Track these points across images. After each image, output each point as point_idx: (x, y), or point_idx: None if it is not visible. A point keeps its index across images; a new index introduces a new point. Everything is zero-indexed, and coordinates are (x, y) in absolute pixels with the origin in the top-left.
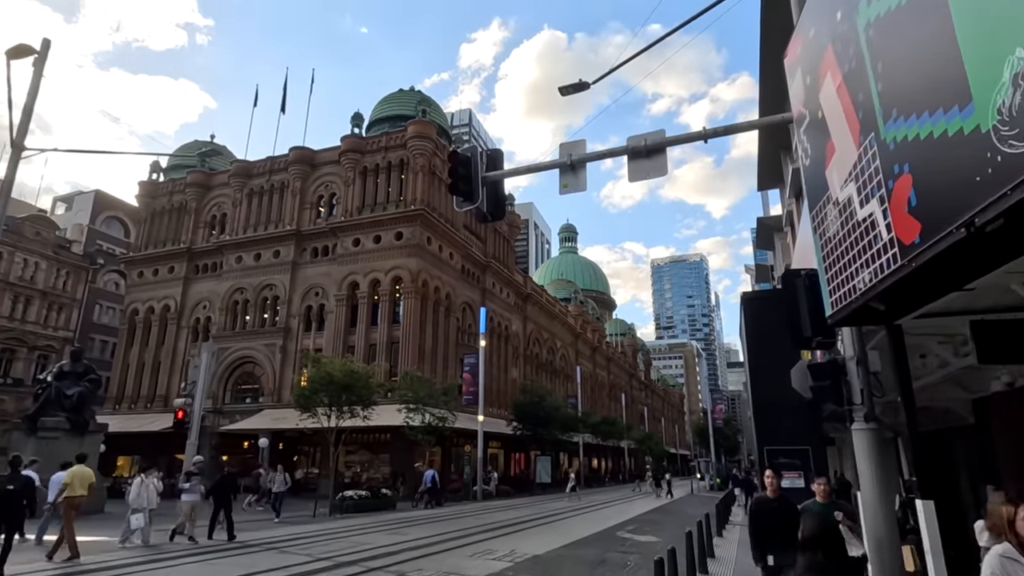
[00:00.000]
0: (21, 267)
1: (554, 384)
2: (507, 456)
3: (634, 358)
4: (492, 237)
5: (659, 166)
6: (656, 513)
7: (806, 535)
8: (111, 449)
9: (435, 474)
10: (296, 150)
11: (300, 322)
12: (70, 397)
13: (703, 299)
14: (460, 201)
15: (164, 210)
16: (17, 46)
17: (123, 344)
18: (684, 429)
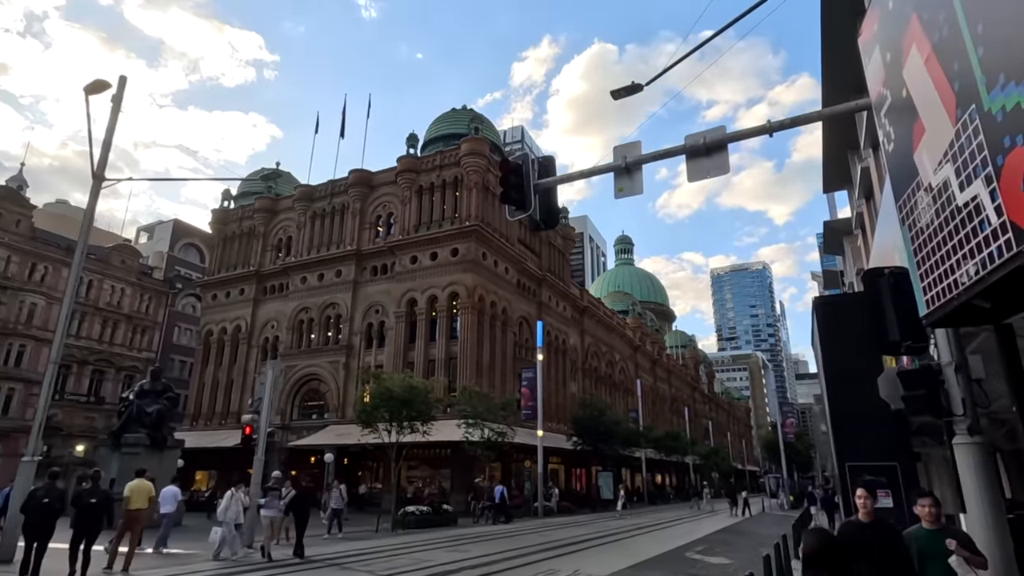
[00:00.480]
0: (109, 293)
1: (613, 398)
2: (568, 472)
3: (696, 370)
4: (547, 251)
5: (720, 164)
6: (726, 533)
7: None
8: (189, 464)
9: (504, 490)
10: (355, 172)
11: (362, 339)
12: (150, 414)
13: (767, 308)
14: (512, 210)
15: (235, 235)
16: (94, 82)
17: (199, 363)
18: (752, 444)
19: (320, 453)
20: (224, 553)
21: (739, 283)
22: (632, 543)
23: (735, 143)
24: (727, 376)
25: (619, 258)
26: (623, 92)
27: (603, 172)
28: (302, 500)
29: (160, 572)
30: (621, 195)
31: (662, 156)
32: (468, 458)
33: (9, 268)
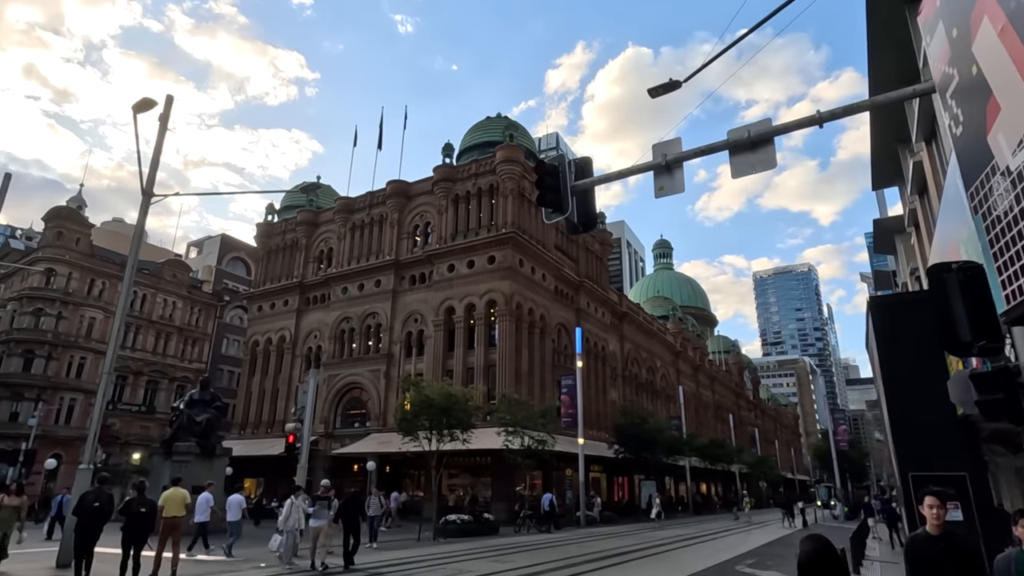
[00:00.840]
0: (162, 307)
1: (655, 405)
2: (610, 480)
3: (740, 376)
4: (584, 256)
5: (766, 158)
6: (778, 545)
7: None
8: (237, 472)
9: (552, 498)
10: (392, 183)
11: (401, 348)
12: (199, 423)
13: (814, 312)
14: (549, 213)
15: (278, 248)
16: (141, 100)
17: (246, 373)
18: (801, 452)
19: (363, 461)
20: (292, 560)
21: (783, 286)
22: (678, 555)
23: (779, 138)
24: (773, 382)
25: (658, 263)
26: (660, 89)
27: (642, 171)
28: (352, 507)
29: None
30: (662, 194)
31: (704, 152)
32: (508, 466)
33: (70, 284)
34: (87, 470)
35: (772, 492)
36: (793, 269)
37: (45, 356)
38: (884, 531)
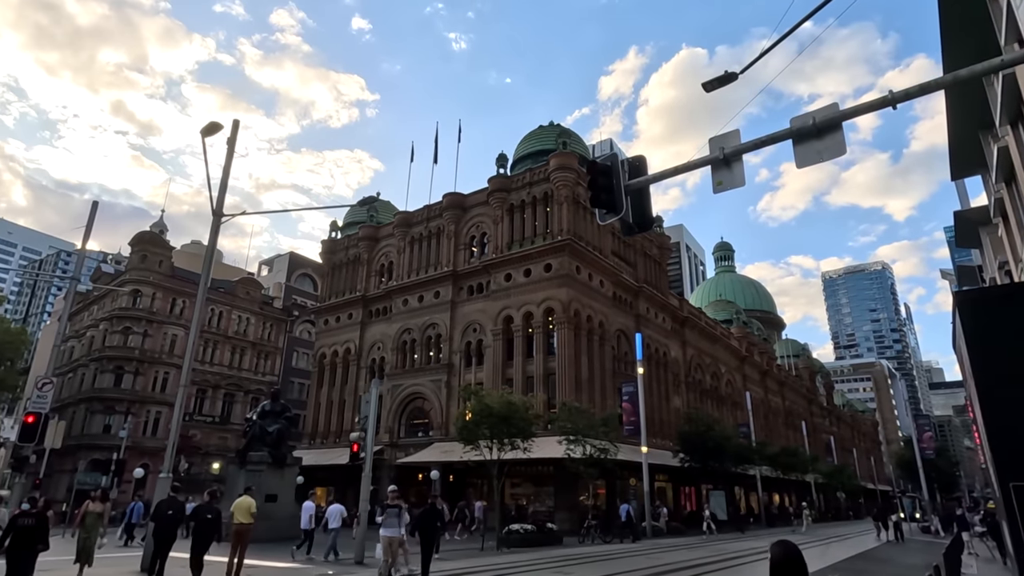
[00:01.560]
0: (237, 323)
1: (721, 412)
2: (675, 490)
3: (811, 381)
4: (642, 261)
5: (834, 145)
6: (862, 560)
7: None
8: (308, 480)
9: (630, 508)
10: (448, 196)
11: (461, 358)
12: (271, 433)
13: (890, 312)
14: (603, 214)
15: (342, 263)
16: (208, 124)
17: (314, 385)
18: (882, 461)
19: (427, 470)
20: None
21: (856, 286)
22: (750, 570)
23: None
24: (848, 387)
25: (719, 265)
26: (716, 83)
27: (699, 166)
28: (429, 518)
29: None
30: (720, 189)
31: (765, 143)
32: (571, 475)
33: (154, 303)
34: (166, 478)
35: (851, 503)
36: (866, 268)
37: (133, 372)
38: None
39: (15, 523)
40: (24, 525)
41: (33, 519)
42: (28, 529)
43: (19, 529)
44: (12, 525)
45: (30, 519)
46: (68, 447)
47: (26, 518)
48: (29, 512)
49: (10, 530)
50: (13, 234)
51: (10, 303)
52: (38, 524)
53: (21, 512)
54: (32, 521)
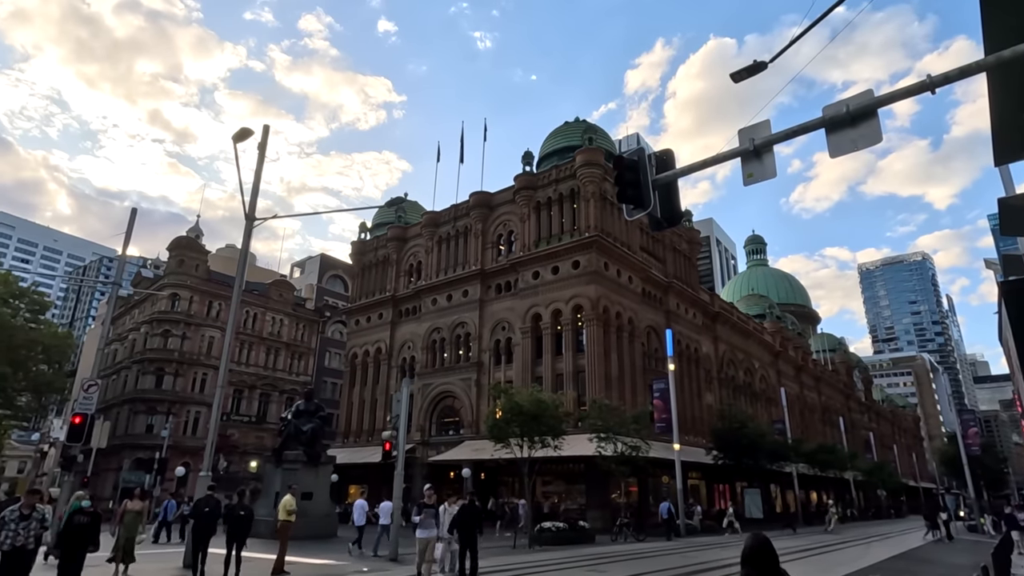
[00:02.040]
0: (271, 324)
1: (755, 408)
2: (709, 488)
3: (849, 376)
4: (672, 257)
5: (869, 133)
6: (905, 560)
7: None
8: (342, 479)
9: (670, 506)
10: (475, 195)
11: (490, 356)
12: (305, 432)
13: (931, 304)
14: (631, 209)
15: (371, 264)
16: (240, 130)
17: (347, 384)
18: (924, 457)
19: (458, 468)
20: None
21: (894, 278)
22: (788, 569)
23: (883, 119)
24: (887, 381)
25: (751, 259)
26: (744, 73)
27: (729, 158)
28: (470, 517)
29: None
30: (751, 181)
31: (797, 132)
32: (602, 473)
33: (192, 307)
34: (206, 477)
35: (892, 501)
36: (904, 259)
37: (173, 373)
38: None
39: (72, 521)
40: (80, 523)
41: (88, 518)
42: (82, 527)
43: (75, 527)
44: (69, 523)
45: (85, 517)
46: (113, 447)
47: (82, 516)
48: (85, 511)
49: (67, 528)
50: (59, 241)
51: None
52: (92, 523)
53: (78, 510)
54: (87, 520)
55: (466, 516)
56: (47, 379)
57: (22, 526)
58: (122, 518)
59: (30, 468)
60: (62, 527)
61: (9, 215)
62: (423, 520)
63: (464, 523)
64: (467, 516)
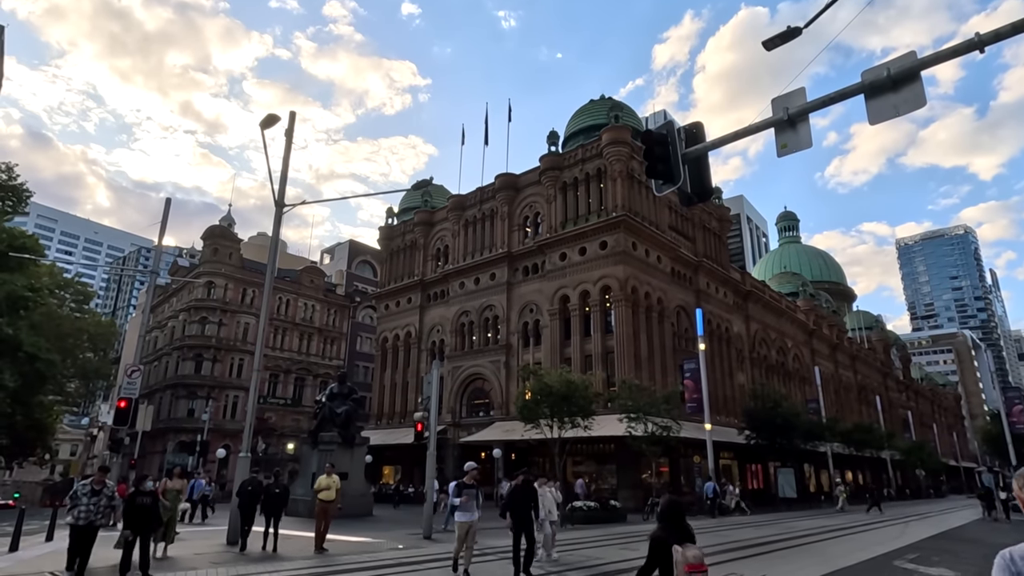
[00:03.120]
0: (303, 310)
1: (788, 388)
2: (742, 468)
3: (886, 354)
4: (701, 235)
5: (912, 97)
6: (944, 539)
7: None
8: (376, 460)
9: (715, 486)
10: (500, 177)
11: (519, 338)
12: (339, 415)
13: (973, 279)
14: (660, 184)
15: (399, 249)
16: (266, 117)
17: (378, 368)
18: (965, 436)
19: (489, 449)
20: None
21: (934, 252)
22: (824, 547)
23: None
24: (927, 359)
25: (783, 236)
26: (777, 40)
27: (762, 129)
28: (523, 498)
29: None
30: (785, 152)
31: (834, 100)
32: (633, 453)
33: (227, 294)
34: (246, 458)
35: (932, 481)
36: (945, 233)
37: (211, 359)
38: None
39: (134, 501)
40: (142, 504)
41: (150, 498)
42: (145, 509)
43: (137, 508)
44: (131, 503)
45: (147, 498)
46: (157, 430)
47: (144, 496)
48: (146, 491)
49: (129, 508)
50: (99, 233)
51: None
52: (154, 503)
53: (138, 491)
54: (149, 500)
55: (520, 496)
56: (94, 366)
57: (93, 501)
58: (163, 495)
59: (81, 451)
60: (125, 508)
61: (52, 208)
62: (464, 503)
63: (518, 504)
64: (521, 496)
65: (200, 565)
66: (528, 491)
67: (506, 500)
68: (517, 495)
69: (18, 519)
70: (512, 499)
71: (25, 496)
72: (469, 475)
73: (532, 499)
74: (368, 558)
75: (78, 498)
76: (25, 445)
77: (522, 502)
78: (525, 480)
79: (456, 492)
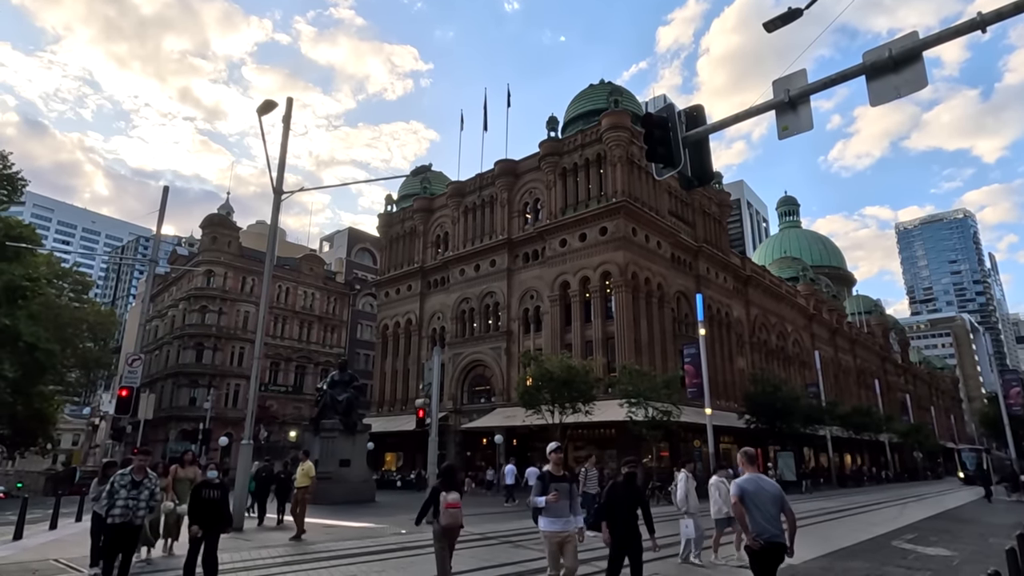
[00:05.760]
0: (303, 298)
1: (788, 372)
2: None
3: (885, 338)
4: (701, 220)
5: (913, 79)
6: (942, 519)
7: None
8: (378, 447)
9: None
10: (500, 163)
11: (519, 325)
12: (341, 402)
13: (972, 263)
14: (660, 168)
15: (399, 236)
16: (263, 103)
17: (379, 355)
18: (963, 419)
19: (491, 435)
20: (692, 557)
21: (933, 237)
22: (824, 528)
23: (929, 68)
24: (925, 343)
25: (783, 221)
26: (778, 21)
27: (762, 111)
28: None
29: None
30: (786, 134)
31: (835, 81)
32: (634, 438)
33: (226, 283)
34: (248, 445)
35: (930, 463)
36: (944, 217)
37: (212, 347)
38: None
39: (199, 495)
40: (209, 498)
41: (218, 491)
42: (213, 503)
43: (204, 503)
44: (197, 497)
45: (215, 491)
46: (159, 419)
47: (211, 489)
48: (213, 482)
49: (196, 504)
50: (96, 223)
51: (99, 288)
52: (223, 498)
53: (204, 482)
54: (217, 494)
55: (621, 497)
56: (94, 355)
57: (132, 495)
58: (173, 486)
59: (83, 440)
60: (190, 503)
61: (48, 198)
62: (553, 505)
63: (619, 508)
64: (623, 497)
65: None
66: (632, 491)
67: (603, 503)
68: (618, 496)
69: (22, 508)
70: (612, 502)
71: (28, 486)
72: (554, 461)
73: (639, 502)
74: (371, 543)
75: (115, 490)
76: (26, 435)
77: (625, 506)
78: (629, 475)
79: (540, 488)
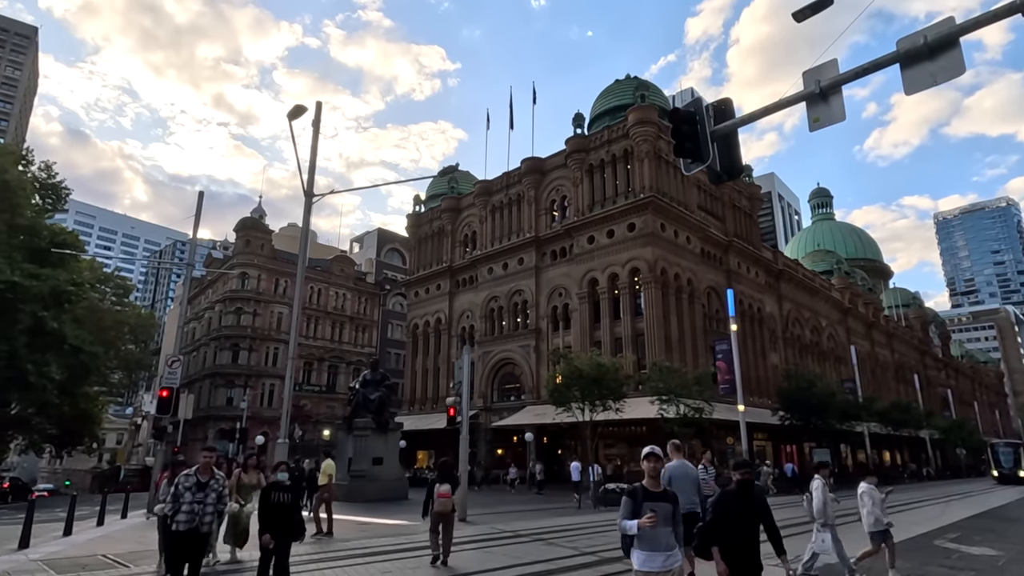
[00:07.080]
0: (335, 299)
1: (823, 368)
2: (776, 448)
3: (924, 332)
4: (731, 214)
5: (950, 66)
6: (986, 518)
7: None
8: (410, 445)
9: (795, 467)
10: (526, 161)
11: (548, 322)
12: (373, 401)
13: (1017, 253)
14: (688, 163)
15: (427, 236)
16: (293, 108)
17: (409, 354)
18: (1008, 415)
19: (521, 432)
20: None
21: (974, 226)
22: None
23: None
24: (967, 336)
25: (816, 213)
26: (808, 11)
27: (792, 103)
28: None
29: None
30: (817, 126)
31: (868, 71)
32: (665, 435)
33: (260, 285)
34: (284, 444)
35: (973, 459)
36: (986, 206)
37: (247, 348)
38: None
39: (268, 498)
40: (279, 502)
41: (288, 494)
42: (285, 508)
43: (274, 507)
44: (266, 500)
45: (286, 493)
46: (198, 418)
47: (282, 492)
48: (284, 484)
49: (265, 508)
50: (135, 228)
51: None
52: (294, 502)
53: (274, 483)
54: (288, 498)
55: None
56: (135, 357)
57: (198, 497)
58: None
59: (126, 439)
60: (260, 506)
61: (90, 205)
62: (646, 528)
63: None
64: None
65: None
66: (749, 503)
67: (710, 520)
68: (729, 508)
69: (71, 505)
70: (723, 518)
71: (75, 484)
72: (649, 472)
73: (760, 517)
74: (404, 540)
75: (180, 493)
76: (73, 435)
77: (742, 524)
78: (744, 483)
79: (629, 508)
